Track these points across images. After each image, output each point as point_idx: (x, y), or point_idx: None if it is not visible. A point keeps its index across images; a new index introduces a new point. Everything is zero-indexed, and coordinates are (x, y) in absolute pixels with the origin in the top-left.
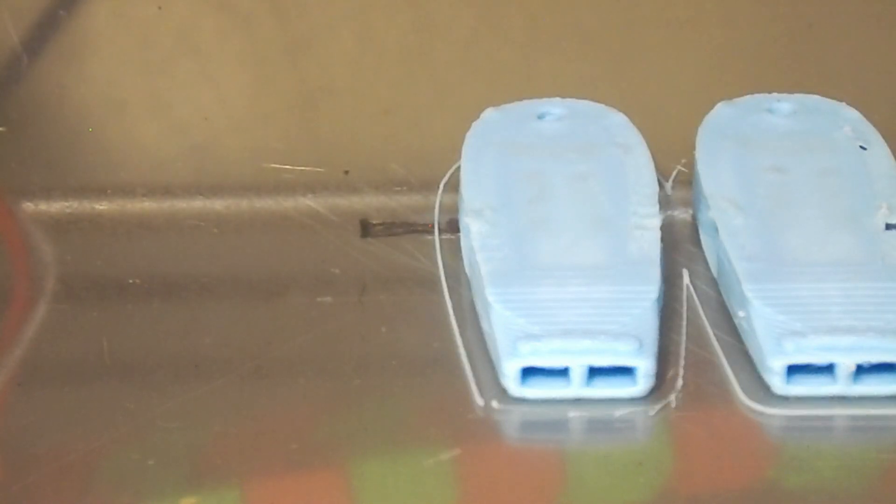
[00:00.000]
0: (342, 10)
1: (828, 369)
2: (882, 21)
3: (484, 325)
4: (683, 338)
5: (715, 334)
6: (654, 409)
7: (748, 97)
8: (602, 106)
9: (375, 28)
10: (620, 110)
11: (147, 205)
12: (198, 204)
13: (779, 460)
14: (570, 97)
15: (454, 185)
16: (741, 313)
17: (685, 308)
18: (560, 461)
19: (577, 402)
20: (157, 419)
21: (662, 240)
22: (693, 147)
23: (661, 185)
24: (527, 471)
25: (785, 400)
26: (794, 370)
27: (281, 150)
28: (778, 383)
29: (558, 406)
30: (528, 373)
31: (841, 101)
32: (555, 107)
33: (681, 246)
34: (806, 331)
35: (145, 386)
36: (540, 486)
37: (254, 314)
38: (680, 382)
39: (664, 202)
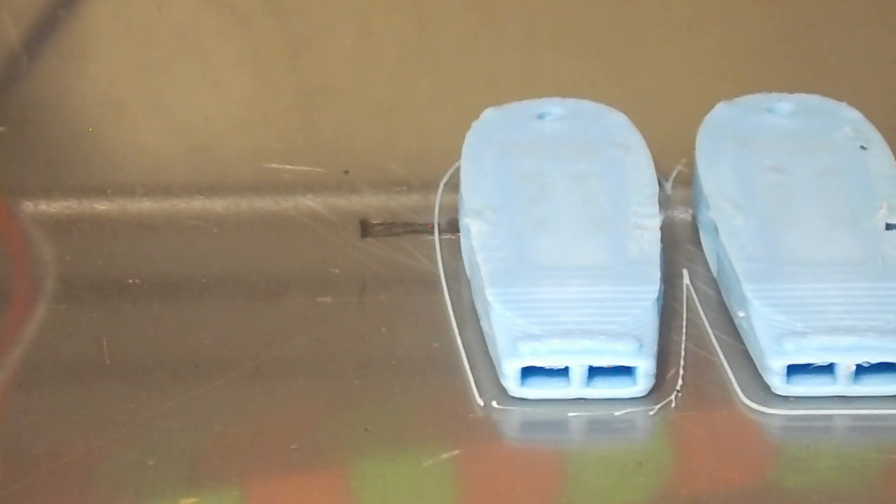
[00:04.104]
0: (342, 10)
1: (828, 369)
2: (882, 21)
3: (484, 325)
4: (683, 338)
5: (715, 334)
6: (654, 409)
7: (748, 97)
8: (602, 106)
9: (375, 28)
10: (620, 110)
11: (147, 205)
12: (198, 204)
13: (779, 460)
14: (570, 97)
15: (454, 185)
16: (741, 313)
17: (685, 308)
18: (560, 461)
19: (577, 402)
20: (157, 419)
21: (662, 240)
22: (693, 147)
23: (661, 185)
24: (527, 471)
25: (785, 400)
26: (794, 370)
27: (281, 150)
28: (778, 383)
29: (558, 406)
30: (528, 373)
31: (841, 101)
32: (555, 107)
33: (681, 246)
34: (806, 331)
35: (145, 386)
36: (540, 486)
37: (254, 314)
38: (680, 382)
39: (664, 202)
